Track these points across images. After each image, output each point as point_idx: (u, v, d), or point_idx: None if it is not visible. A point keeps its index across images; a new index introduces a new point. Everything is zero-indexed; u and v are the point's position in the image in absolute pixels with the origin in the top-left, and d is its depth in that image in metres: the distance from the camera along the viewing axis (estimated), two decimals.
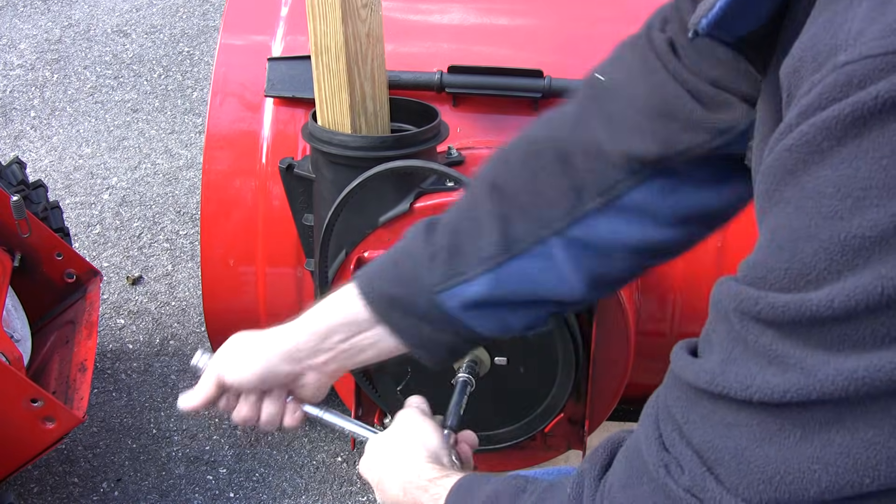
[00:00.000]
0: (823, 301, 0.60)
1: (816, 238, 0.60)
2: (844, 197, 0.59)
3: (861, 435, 0.61)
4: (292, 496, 1.98)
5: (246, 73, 1.79)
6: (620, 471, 0.77)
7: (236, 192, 1.76)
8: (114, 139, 3.16)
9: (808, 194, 0.61)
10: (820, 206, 0.60)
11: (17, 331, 1.84)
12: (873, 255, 0.58)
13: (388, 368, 1.55)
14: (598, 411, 1.56)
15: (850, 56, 0.59)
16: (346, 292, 1.10)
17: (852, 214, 0.58)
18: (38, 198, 2.06)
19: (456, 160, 1.55)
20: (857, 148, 0.58)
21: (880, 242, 0.58)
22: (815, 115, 0.60)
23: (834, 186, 0.59)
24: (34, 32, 3.80)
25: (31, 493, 1.98)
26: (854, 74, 0.58)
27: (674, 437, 0.71)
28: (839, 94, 0.58)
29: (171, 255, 2.66)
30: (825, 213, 0.60)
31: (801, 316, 0.61)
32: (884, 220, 0.57)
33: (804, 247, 0.61)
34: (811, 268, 0.61)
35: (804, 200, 0.61)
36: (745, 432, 0.65)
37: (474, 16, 1.84)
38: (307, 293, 1.76)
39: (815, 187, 0.60)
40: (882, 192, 0.57)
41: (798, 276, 0.62)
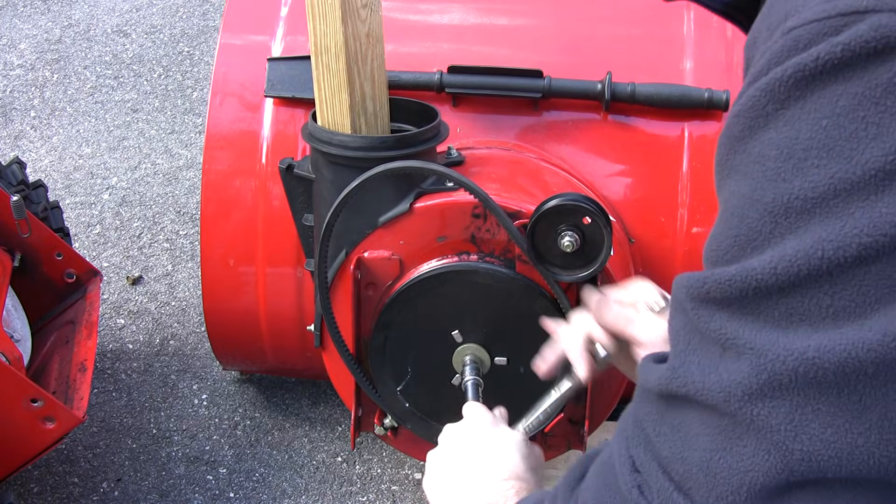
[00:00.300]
0: (766, 267, 0.58)
1: (761, 202, 0.59)
2: (787, 158, 0.58)
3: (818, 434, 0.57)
4: (292, 496, 1.98)
5: (246, 73, 1.79)
6: (593, 486, 0.75)
7: (236, 192, 1.76)
8: (114, 139, 3.16)
9: (754, 159, 0.60)
10: (765, 169, 0.59)
11: (17, 331, 1.84)
12: (814, 217, 0.57)
13: (387, 369, 1.55)
14: (598, 411, 1.56)
15: (797, 21, 0.58)
16: None
17: (794, 175, 0.57)
18: (38, 198, 2.06)
19: (456, 160, 1.55)
20: (799, 110, 0.57)
21: (821, 204, 0.56)
22: (760, 80, 0.59)
23: (777, 149, 0.58)
24: (34, 32, 3.79)
25: (31, 493, 1.98)
26: (800, 38, 0.57)
27: (643, 457, 0.68)
28: (784, 57, 0.58)
29: (171, 255, 2.66)
30: (769, 176, 0.59)
31: (747, 287, 0.59)
32: (823, 182, 0.56)
33: (750, 212, 0.60)
34: (756, 232, 0.59)
35: (750, 165, 0.60)
36: (709, 441, 0.62)
37: (474, 16, 1.84)
38: (307, 293, 1.76)
39: (760, 151, 0.59)
40: (822, 152, 0.56)
41: (745, 243, 0.60)
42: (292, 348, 1.86)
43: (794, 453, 0.58)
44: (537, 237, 1.37)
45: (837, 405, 0.57)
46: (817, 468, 0.57)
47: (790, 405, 0.58)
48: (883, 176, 0.54)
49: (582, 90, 1.67)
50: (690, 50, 1.72)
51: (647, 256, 1.68)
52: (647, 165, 1.69)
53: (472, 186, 1.37)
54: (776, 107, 0.58)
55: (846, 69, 0.55)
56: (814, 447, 0.57)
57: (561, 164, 1.69)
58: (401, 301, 1.49)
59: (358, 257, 1.48)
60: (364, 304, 1.52)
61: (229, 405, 2.20)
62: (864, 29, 0.54)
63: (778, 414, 0.58)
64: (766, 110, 0.59)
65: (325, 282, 1.48)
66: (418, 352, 1.52)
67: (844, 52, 0.55)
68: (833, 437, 0.57)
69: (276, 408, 2.19)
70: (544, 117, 1.72)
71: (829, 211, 0.56)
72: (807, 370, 0.57)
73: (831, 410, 0.57)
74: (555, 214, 1.35)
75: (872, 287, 0.55)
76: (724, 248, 0.62)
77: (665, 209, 1.67)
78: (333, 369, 1.64)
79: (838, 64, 0.55)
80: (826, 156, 0.56)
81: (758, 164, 0.60)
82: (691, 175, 1.67)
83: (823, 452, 0.57)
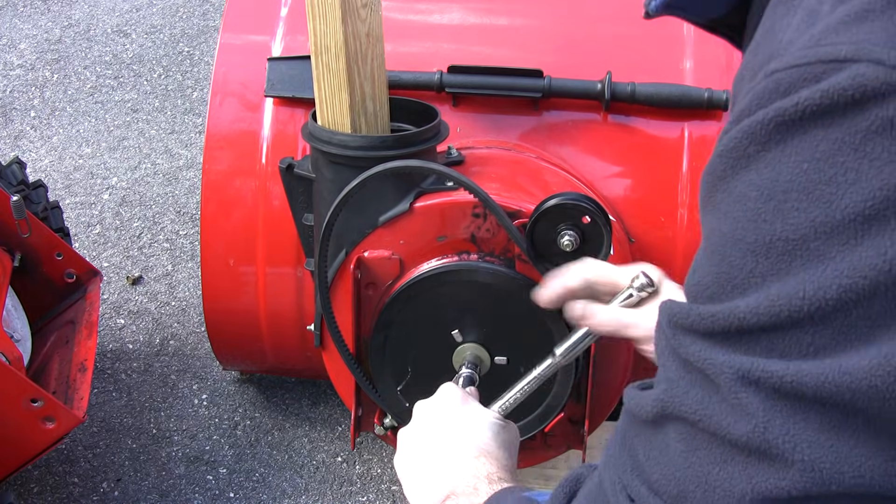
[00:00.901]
0: (749, 310, 0.60)
1: (743, 241, 0.61)
2: (767, 199, 0.59)
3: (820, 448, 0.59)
4: (292, 496, 1.98)
5: (246, 73, 1.79)
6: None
7: (236, 192, 1.76)
8: (114, 139, 3.16)
9: (735, 198, 0.61)
10: (745, 209, 0.60)
11: (17, 331, 1.84)
12: (795, 260, 0.58)
13: (387, 369, 1.55)
14: (598, 411, 1.56)
15: (779, 65, 0.60)
16: None
17: (774, 217, 0.59)
18: (38, 198, 2.06)
19: (456, 160, 1.55)
20: (780, 153, 0.58)
21: (801, 246, 0.58)
22: (742, 122, 0.61)
23: (758, 190, 0.60)
24: (34, 32, 3.79)
25: (31, 493, 1.98)
26: (781, 82, 0.59)
27: (637, 485, 0.69)
28: (766, 101, 0.59)
29: (171, 255, 2.66)
30: (750, 216, 0.60)
31: (729, 325, 0.61)
32: (804, 224, 0.57)
33: (731, 251, 0.61)
34: (738, 271, 0.61)
35: (732, 204, 0.62)
36: (704, 455, 0.64)
37: (474, 16, 1.84)
38: (307, 293, 1.76)
39: (742, 191, 0.61)
40: (801, 195, 0.57)
41: (726, 282, 0.62)
42: (292, 348, 1.86)
43: (794, 464, 0.59)
44: (537, 236, 1.37)
45: (822, 423, 0.59)
46: (819, 481, 0.59)
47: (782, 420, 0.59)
48: (862, 220, 0.56)
49: (582, 90, 1.67)
50: (690, 50, 1.72)
51: (647, 256, 1.68)
52: (647, 165, 1.69)
53: (471, 186, 1.37)
54: (757, 148, 0.60)
55: (826, 116, 0.57)
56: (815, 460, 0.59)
57: (561, 163, 1.69)
58: (401, 301, 1.49)
59: (358, 257, 1.48)
60: (364, 303, 1.52)
61: (229, 405, 2.20)
62: (843, 78, 0.56)
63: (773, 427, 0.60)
64: (747, 152, 0.60)
65: (325, 281, 1.48)
66: (418, 352, 1.52)
67: (823, 99, 0.56)
68: (831, 452, 0.58)
69: (276, 408, 2.19)
70: (544, 117, 1.72)
71: (810, 254, 0.58)
72: (784, 389, 0.59)
73: (818, 423, 0.59)
74: (554, 214, 1.35)
75: (852, 327, 0.57)
76: (706, 284, 0.64)
77: (665, 209, 1.67)
78: (333, 369, 1.63)
79: (817, 111, 0.57)
80: (806, 199, 0.57)
81: (739, 203, 0.61)
82: (691, 175, 1.67)
83: (825, 466, 0.58)
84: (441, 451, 1.08)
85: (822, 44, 0.58)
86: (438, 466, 1.07)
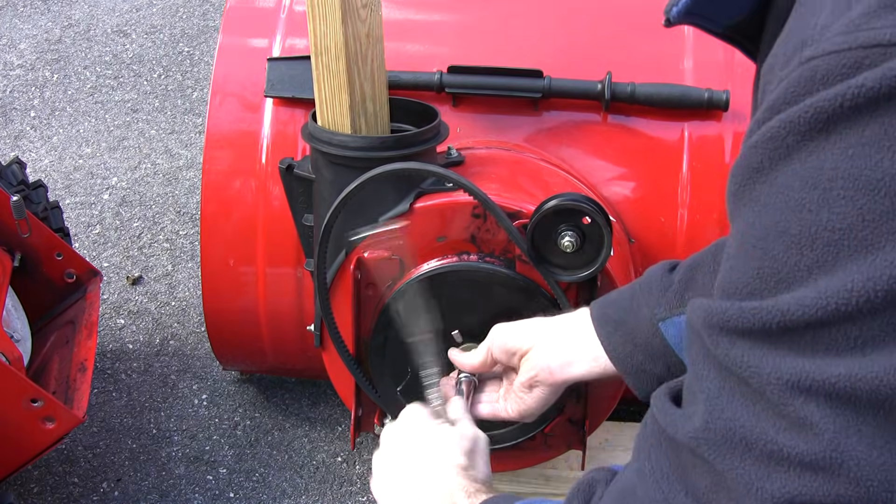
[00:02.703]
0: (796, 305, 0.57)
1: (787, 233, 0.58)
2: (812, 189, 0.56)
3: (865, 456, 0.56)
4: (292, 496, 1.98)
5: (246, 73, 1.79)
6: None
7: (236, 192, 1.76)
8: (114, 139, 3.16)
9: (776, 190, 0.59)
10: (788, 200, 0.58)
11: (17, 331, 1.84)
12: (842, 251, 0.55)
13: (387, 369, 1.55)
14: (598, 411, 1.56)
15: (815, 51, 0.57)
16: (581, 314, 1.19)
17: (820, 207, 0.56)
18: (38, 198, 2.06)
19: (456, 160, 1.55)
20: (824, 141, 0.56)
21: (848, 237, 0.55)
22: (781, 112, 0.58)
23: (801, 180, 0.57)
24: (34, 32, 3.79)
25: (31, 493, 1.98)
26: (818, 70, 0.57)
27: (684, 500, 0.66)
28: (803, 90, 0.57)
29: (171, 255, 2.66)
30: (793, 207, 0.57)
31: (774, 321, 0.58)
32: (851, 213, 0.55)
33: (774, 244, 0.59)
34: (782, 264, 0.58)
35: (773, 196, 0.59)
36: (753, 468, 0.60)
37: (474, 16, 1.84)
38: (307, 293, 1.76)
39: (784, 182, 0.58)
40: (848, 183, 0.55)
41: (769, 276, 0.59)
42: (292, 348, 1.86)
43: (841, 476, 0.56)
44: (537, 237, 1.37)
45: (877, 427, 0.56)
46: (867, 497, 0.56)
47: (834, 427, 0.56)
48: None
49: (582, 90, 1.67)
50: (690, 50, 1.72)
51: (647, 256, 1.68)
52: (646, 165, 1.69)
53: (470, 187, 1.37)
54: (797, 139, 0.57)
55: (872, 103, 0.54)
56: (861, 470, 0.56)
57: (561, 164, 1.69)
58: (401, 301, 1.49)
59: (358, 257, 1.48)
60: (364, 304, 1.52)
61: (229, 405, 2.20)
62: (893, 66, 0.53)
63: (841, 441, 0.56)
64: (786, 142, 0.58)
65: (324, 282, 1.48)
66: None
67: (868, 87, 0.54)
68: (879, 458, 0.56)
69: (276, 408, 2.19)
70: (544, 117, 1.72)
71: (858, 244, 0.55)
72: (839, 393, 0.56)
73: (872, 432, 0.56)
74: (555, 214, 1.35)
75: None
76: (745, 281, 0.61)
77: (665, 209, 1.68)
78: (333, 369, 1.63)
79: (863, 99, 0.54)
80: (853, 187, 0.55)
81: (781, 195, 0.58)
82: (691, 175, 1.67)
83: (877, 479, 0.56)
84: (413, 473, 1.09)
85: (863, 28, 0.55)
86: (413, 489, 1.07)
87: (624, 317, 1.15)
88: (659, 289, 1.14)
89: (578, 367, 1.18)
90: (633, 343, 1.13)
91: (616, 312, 1.16)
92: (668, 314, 1.12)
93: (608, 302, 1.19)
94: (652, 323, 1.12)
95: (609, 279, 1.46)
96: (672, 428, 0.67)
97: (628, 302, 1.17)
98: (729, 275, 0.63)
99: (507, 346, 1.26)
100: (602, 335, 1.15)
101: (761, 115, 0.60)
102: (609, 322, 1.16)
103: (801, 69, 0.58)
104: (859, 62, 0.55)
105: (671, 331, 1.11)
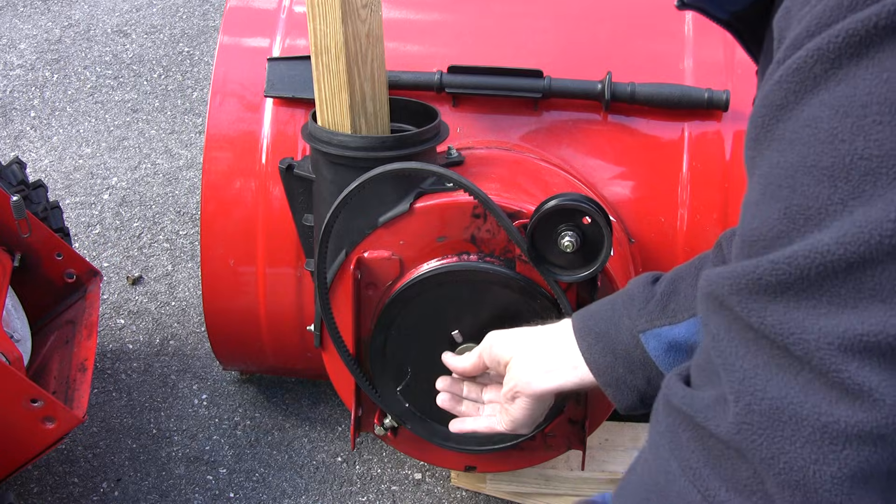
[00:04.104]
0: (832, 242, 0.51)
1: (817, 167, 0.53)
2: (844, 117, 0.52)
3: None
4: (292, 496, 1.98)
5: (246, 73, 1.79)
6: None
7: (236, 192, 1.76)
8: (114, 139, 3.16)
9: (803, 123, 0.54)
10: (817, 132, 0.53)
11: (17, 331, 1.84)
12: (881, 179, 0.50)
13: (387, 369, 1.55)
14: (598, 411, 1.56)
15: None
16: (564, 325, 1.21)
17: (854, 135, 0.51)
18: (38, 198, 2.06)
19: (456, 160, 1.55)
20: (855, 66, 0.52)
21: (886, 162, 0.50)
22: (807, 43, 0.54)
23: (831, 109, 0.53)
24: (34, 32, 3.79)
25: (31, 493, 1.98)
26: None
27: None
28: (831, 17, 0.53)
29: (171, 255, 2.66)
30: (823, 139, 0.53)
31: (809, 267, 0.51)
32: (889, 139, 0.51)
33: (804, 180, 0.53)
34: (814, 200, 0.53)
35: (800, 131, 0.54)
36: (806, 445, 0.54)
37: (474, 16, 1.84)
38: (307, 293, 1.76)
39: (811, 114, 0.54)
40: (884, 107, 0.51)
41: (798, 215, 0.53)
42: (292, 348, 1.86)
43: None
44: (537, 237, 1.37)
45: None
46: None
47: None
48: None
49: (582, 90, 1.67)
50: (690, 50, 1.72)
51: (647, 256, 1.68)
52: (647, 165, 1.69)
53: (471, 187, 1.37)
54: (826, 67, 0.53)
55: None
56: None
57: (561, 164, 1.69)
58: (401, 301, 1.49)
59: (358, 257, 1.48)
60: (364, 304, 1.52)
61: (229, 405, 2.20)
62: None
63: None
64: (813, 72, 0.54)
65: (324, 282, 1.48)
66: (418, 352, 1.52)
67: None
68: None
69: (276, 408, 2.19)
70: (544, 117, 1.72)
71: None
72: None
73: None
74: (555, 214, 1.35)
75: None
76: (771, 225, 0.55)
77: (665, 209, 1.68)
78: (333, 369, 1.64)
79: None
80: (889, 111, 0.51)
81: (809, 128, 0.54)
82: (691, 175, 1.67)
83: None
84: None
85: None
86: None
87: (605, 328, 1.14)
88: (641, 300, 1.14)
89: (556, 377, 1.18)
90: (614, 355, 1.13)
91: (597, 324, 1.16)
92: (650, 326, 1.12)
93: (590, 313, 1.19)
94: (633, 335, 1.12)
95: (609, 279, 1.46)
96: (702, 416, 0.60)
97: (609, 313, 1.16)
98: (750, 222, 0.57)
99: (493, 354, 1.28)
100: (583, 346, 1.15)
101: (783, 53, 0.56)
102: (590, 333, 1.15)
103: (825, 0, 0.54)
104: None
105: (652, 342, 1.11)
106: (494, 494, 1.86)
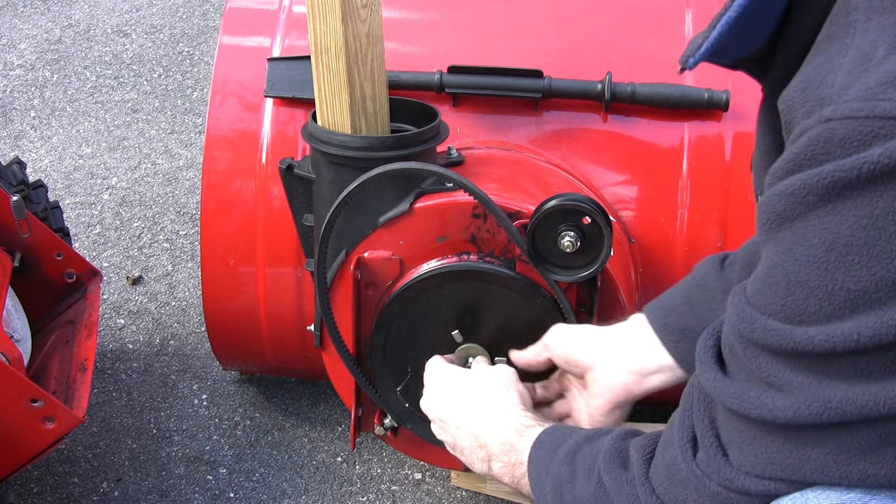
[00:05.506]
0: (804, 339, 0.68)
1: (807, 285, 0.67)
2: (828, 250, 0.65)
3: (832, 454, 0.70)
4: (292, 496, 1.98)
5: (246, 74, 1.79)
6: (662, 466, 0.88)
7: (236, 192, 1.76)
8: (114, 139, 3.16)
9: (798, 238, 0.67)
10: (808, 254, 0.66)
11: (17, 331, 1.84)
12: (858, 308, 0.64)
13: (387, 369, 1.55)
14: None
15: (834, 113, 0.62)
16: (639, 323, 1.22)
17: (836, 268, 0.65)
18: (38, 198, 2.06)
19: (456, 160, 1.55)
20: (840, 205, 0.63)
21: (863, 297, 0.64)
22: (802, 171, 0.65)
23: (819, 237, 0.65)
24: (34, 32, 3.79)
25: (31, 493, 1.98)
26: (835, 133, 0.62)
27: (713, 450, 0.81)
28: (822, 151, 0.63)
29: (171, 255, 2.66)
30: (812, 262, 0.66)
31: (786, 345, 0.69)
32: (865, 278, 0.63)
33: (796, 291, 0.68)
34: (803, 309, 0.68)
35: (795, 245, 0.67)
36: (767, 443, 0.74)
37: (474, 16, 1.84)
38: (307, 293, 1.76)
39: (804, 235, 0.66)
40: (862, 250, 0.63)
41: (792, 314, 0.69)
42: (292, 348, 1.86)
43: None
44: (537, 237, 1.37)
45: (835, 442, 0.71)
46: None
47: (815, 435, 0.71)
48: None
49: (582, 90, 1.67)
50: None
51: (647, 256, 1.68)
52: (647, 165, 1.69)
53: (471, 187, 1.37)
54: (816, 199, 0.65)
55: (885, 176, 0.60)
56: None
57: (561, 164, 1.69)
58: (401, 301, 1.49)
59: (358, 257, 1.48)
60: (364, 304, 1.52)
61: (229, 405, 2.20)
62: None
63: None
64: (806, 200, 0.65)
65: (324, 282, 1.48)
66: (418, 352, 1.52)
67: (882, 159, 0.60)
68: None
69: (276, 408, 2.19)
70: (544, 117, 1.72)
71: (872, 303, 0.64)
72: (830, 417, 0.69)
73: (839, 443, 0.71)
74: (555, 214, 1.35)
75: None
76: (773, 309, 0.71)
77: (665, 209, 1.68)
78: (333, 369, 1.64)
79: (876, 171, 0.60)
80: (867, 254, 0.63)
81: (801, 245, 0.67)
82: (691, 175, 1.67)
83: None
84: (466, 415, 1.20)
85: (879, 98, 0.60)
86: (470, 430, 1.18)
87: (687, 323, 1.16)
88: (720, 291, 1.16)
89: (656, 379, 1.20)
90: None
91: (677, 320, 1.18)
92: None
93: (665, 310, 1.20)
94: None
95: (609, 279, 1.46)
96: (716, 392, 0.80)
97: (686, 307, 1.18)
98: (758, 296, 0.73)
99: (570, 357, 1.27)
100: (669, 345, 1.17)
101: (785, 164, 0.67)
102: (673, 332, 1.17)
103: (819, 128, 0.63)
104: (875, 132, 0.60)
105: None
106: (494, 494, 1.86)
